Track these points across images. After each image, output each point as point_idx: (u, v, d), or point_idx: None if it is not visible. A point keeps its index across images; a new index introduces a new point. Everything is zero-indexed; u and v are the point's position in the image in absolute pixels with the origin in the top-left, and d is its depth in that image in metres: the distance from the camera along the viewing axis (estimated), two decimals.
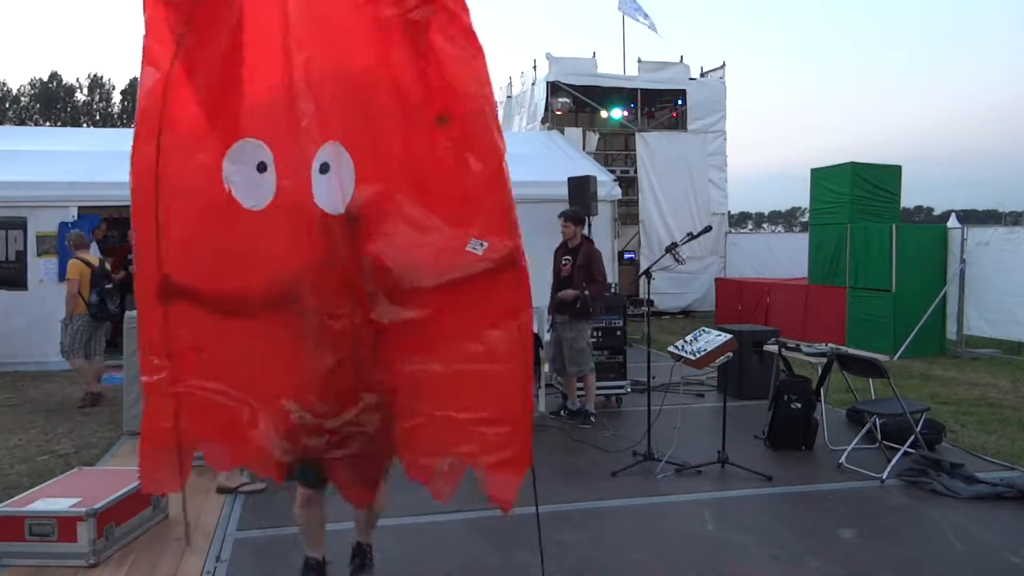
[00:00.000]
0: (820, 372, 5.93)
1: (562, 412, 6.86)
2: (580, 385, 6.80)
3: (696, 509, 4.60)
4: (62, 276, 9.00)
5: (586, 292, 6.39)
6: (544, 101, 15.75)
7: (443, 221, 2.85)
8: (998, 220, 50.88)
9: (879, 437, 5.57)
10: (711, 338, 5.26)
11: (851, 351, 6.12)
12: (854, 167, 11.04)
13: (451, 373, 2.91)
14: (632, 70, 16.36)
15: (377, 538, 4.06)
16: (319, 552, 3.44)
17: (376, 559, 3.69)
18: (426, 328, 2.92)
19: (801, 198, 61.44)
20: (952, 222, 17.83)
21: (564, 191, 10.54)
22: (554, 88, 15.59)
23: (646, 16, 16.78)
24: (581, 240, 6.67)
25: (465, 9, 2.75)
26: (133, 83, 59.83)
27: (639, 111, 16.43)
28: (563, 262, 6.66)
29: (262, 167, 2.94)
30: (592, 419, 6.56)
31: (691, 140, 15.91)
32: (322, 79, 2.86)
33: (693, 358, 5.19)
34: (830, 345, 6.38)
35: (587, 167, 11.78)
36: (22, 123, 51.14)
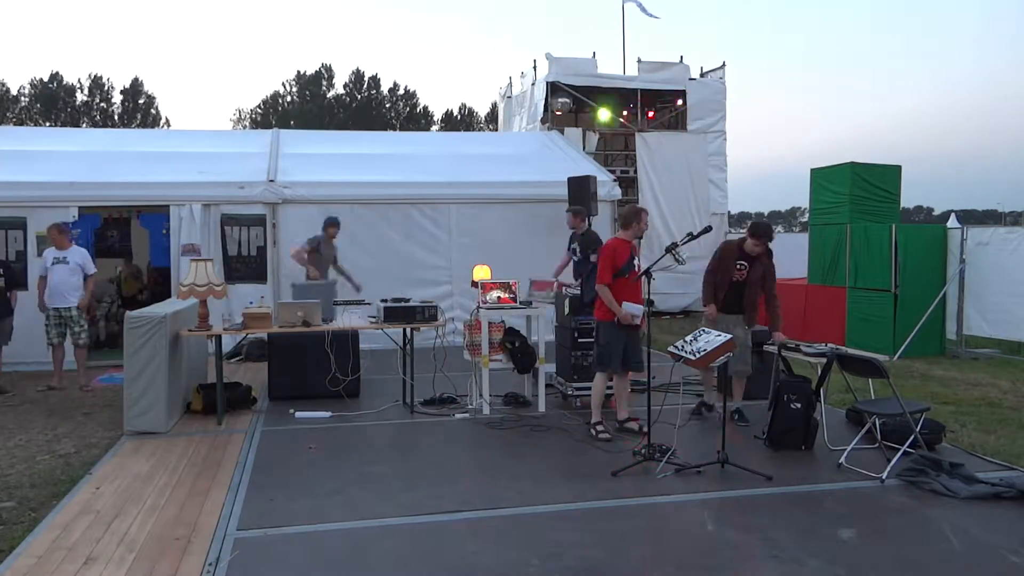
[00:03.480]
0: (820, 372, 5.93)
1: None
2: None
3: (696, 509, 4.60)
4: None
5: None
6: (544, 101, 15.75)
7: None
8: (998, 220, 51.00)
9: (879, 437, 5.58)
10: (711, 338, 5.26)
11: (851, 351, 6.12)
12: (854, 167, 11.04)
13: None
14: (632, 70, 16.39)
15: (377, 538, 4.06)
16: None
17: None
18: None
19: (801, 198, 61.58)
20: (952, 222, 17.85)
21: (564, 191, 10.55)
22: (554, 88, 15.59)
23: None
24: (764, 247, 6.69)
25: None
26: (134, 83, 59.79)
27: (639, 111, 16.42)
28: (738, 266, 6.61)
29: None
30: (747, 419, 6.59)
31: (691, 140, 15.89)
32: None
33: (693, 358, 5.19)
34: (830, 345, 6.38)
35: (587, 167, 11.79)
36: (22, 123, 51.07)
